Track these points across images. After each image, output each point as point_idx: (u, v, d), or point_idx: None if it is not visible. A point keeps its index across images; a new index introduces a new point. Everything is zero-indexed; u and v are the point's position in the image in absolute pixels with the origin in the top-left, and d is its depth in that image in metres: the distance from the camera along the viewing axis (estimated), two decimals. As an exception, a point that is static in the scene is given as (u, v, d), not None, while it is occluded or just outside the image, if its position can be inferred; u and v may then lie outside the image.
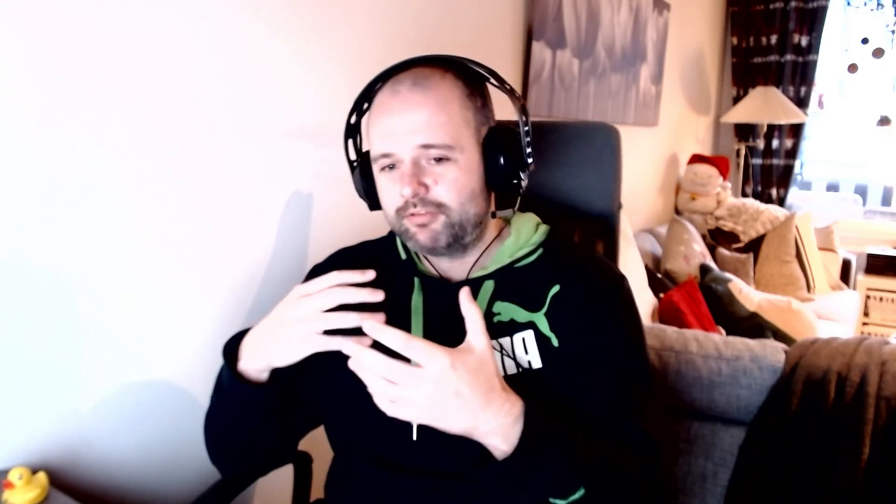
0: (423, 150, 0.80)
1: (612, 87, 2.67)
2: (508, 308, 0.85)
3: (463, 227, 0.83)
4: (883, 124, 4.09)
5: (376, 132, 0.83)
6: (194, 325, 1.11)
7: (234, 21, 1.09)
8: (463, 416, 0.67)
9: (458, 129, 0.81)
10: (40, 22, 0.84)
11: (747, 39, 4.02)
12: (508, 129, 0.86)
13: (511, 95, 0.86)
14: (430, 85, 0.81)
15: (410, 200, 0.80)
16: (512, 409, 0.69)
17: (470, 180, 0.82)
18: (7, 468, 0.85)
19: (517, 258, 0.87)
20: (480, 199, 0.84)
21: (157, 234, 1.02)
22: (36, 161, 0.86)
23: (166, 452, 1.10)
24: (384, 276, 0.90)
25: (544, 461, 0.70)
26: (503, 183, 0.85)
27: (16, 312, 0.87)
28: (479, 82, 0.86)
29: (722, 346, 1.30)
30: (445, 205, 0.81)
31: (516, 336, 0.84)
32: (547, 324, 0.83)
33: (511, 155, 0.84)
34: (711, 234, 3.43)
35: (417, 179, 0.80)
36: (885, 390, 1.16)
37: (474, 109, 0.84)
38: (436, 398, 0.66)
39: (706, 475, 1.29)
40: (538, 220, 0.94)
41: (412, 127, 0.79)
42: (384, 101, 0.82)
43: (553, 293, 0.84)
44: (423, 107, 0.79)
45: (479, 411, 0.67)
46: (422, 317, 0.87)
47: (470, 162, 0.82)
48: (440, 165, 0.80)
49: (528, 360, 0.83)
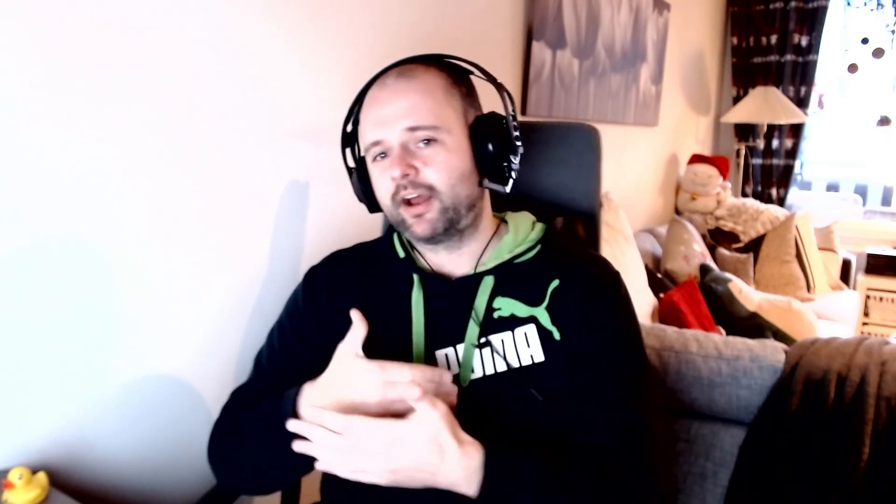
0: (410, 134, 0.82)
1: (612, 87, 2.67)
2: (509, 303, 0.87)
3: (457, 210, 0.84)
4: (883, 124, 4.09)
5: (366, 124, 0.86)
6: (194, 325, 1.11)
7: (235, 21, 1.09)
8: (421, 478, 0.73)
9: (444, 111, 0.84)
10: (43, 21, 0.85)
11: (747, 39, 4.02)
12: (495, 114, 0.88)
13: (494, 83, 0.89)
14: (415, 75, 0.85)
15: (401, 183, 0.82)
16: (470, 462, 0.72)
17: (459, 162, 0.84)
18: (7, 468, 0.85)
19: (517, 254, 0.89)
20: (470, 181, 0.86)
21: (156, 234, 1.02)
22: (36, 160, 0.86)
23: (166, 452, 1.10)
24: (383, 275, 0.91)
25: (512, 499, 0.73)
26: (492, 164, 0.86)
27: (16, 313, 0.87)
28: (463, 75, 0.90)
29: (722, 346, 1.30)
30: (435, 187, 0.83)
31: (518, 330, 0.85)
32: (548, 318, 0.85)
33: (499, 137, 0.86)
34: (711, 234, 3.42)
35: (406, 162, 0.82)
36: (885, 390, 1.16)
37: (459, 96, 0.87)
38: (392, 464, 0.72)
39: (706, 475, 1.29)
40: (534, 219, 0.96)
41: (399, 111, 0.82)
42: (373, 95, 0.86)
43: (553, 288, 0.87)
44: (409, 93, 0.83)
45: (435, 471, 0.72)
46: (422, 312, 0.87)
47: (457, 144, 0.84)
48: (428, 148, 0.83)
49: (531, 353, 0.84)
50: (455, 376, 0.85)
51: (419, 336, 0.87)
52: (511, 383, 0.84)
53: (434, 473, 0.72)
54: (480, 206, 0.89)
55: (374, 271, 0.93)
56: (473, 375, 0.85)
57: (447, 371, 0.79)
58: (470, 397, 0.83)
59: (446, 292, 0.88)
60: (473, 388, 0.84)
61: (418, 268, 0.90)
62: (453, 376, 0.84)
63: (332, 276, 0.95)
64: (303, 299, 0.95)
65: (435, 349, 0.86)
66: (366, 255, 0.96)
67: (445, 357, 0.86)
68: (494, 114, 0.88)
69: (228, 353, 1.17)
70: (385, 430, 0.71)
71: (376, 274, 0.93)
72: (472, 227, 0.88)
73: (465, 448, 0.72)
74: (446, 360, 0.86)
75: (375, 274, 0.93)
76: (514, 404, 0.84)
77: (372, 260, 0.95)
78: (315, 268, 0.98)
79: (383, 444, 0.71)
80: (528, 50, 2.02)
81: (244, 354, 1.19)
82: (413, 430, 0.71)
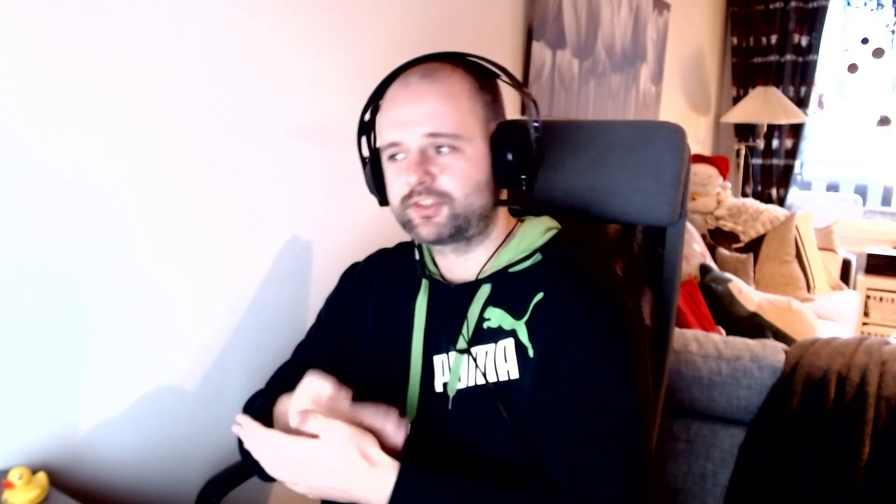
0: (430, 140, 0.80)
1: (612, 87, 2.67)
2: (498, 314, 0.83)
3: (467, 219, 0.82)
4: (883, 124, 4.10)
5: (386, 123, 0.84)
6: (194, 325, 1.11)
7: (235, 21, 1.09)
8: (338, 495, 0.74)
9: (466, 120, 0.81)
10: (42, 21, 0.84)
11: (747, 39, 4.02)
12: (518, 124, 0.85)
13: (521, 91, 0.87)
14: (440, 77, 0.81)
15: (415, 189, 0.80)
16: (383, 480, 0.72)
17: (476, 172, 0.82)
18: (7, 468, 0.85)
19: (512, 263, 0.86)
20: (486, 192, 0.83)
21: (157, 235, 1.02)
22: (37, 163, 0.86)
23: (166, 452, 1.10)
24: (402, 276, 0.93)
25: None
26: (510, 178, 0.84)
27: (16, 313, 0.87)
28: (489, 79, 0.86)
29: (722, 346, 1.30)
30: (450, 195, 0.80)
31: (500, 343, 0.82)
32: (526, 333, 0.81)
33: (519, 149, 0.83)
34: (711, 234, 3.42)
35: (423, 168, 0.80)
36: (885, 390, 1.16)
37: (483, 103, 0.84)
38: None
39: (706, 475, 1.29)
40: (549, 225, 0.91)
41: (420, 117, 0.80)
42: (395, 93, 0.83)
43: (536, 301, 0.81)
44: (432, 97, 0.80)
45: (348, 489, 0.73)
46: (424, 317, 0.88)
47: (477, 154, 0.82)
48: (447, 155, 0.81)
49: (507, 369, 0.81)
50: (445, 384, 0.84)
51: (419, 340, 0.87)
52: (485, 398, 0.81)
53: (347, 491, 0.73)
54: (494, 215, 0.87)
55: (398, 272, 0.94)
56: (459, 385, 0.83)
57: (393, 410, 0.78)
58: (455, 407, 0.83)
59: (448, 298, 0.88)
60: (458, 398, 0.84)
61: (426, 271, 0.90)
62: (443, 384, 0.84)
63: (365, 273, 0.98)
64: (336, 291, 1.00)
65: (433, 354, 0.86)
66: (398, 256, 0.98)
67: (441, 363, 0.85)
68: (517, 122, 0.86)
69: (229, 353, 1.17)
70: (293, 448, 0.73)
71: (398, 274, 0.94)
72: (481, 234, 0.86)
73: (376, 467, 0.72)
74: (441, 367, 0.85)
75: (397, 274, 0.94)
76: (486, 420, 0.81)
77: (400, 261, 0.95)
78: (355, 264, 1.02)
79: (292, 461, 0.74)
80: (528, 50, 2.02)
81: (245, 355, 1.19)
82: (316, 450, 0.73)
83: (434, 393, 0.85)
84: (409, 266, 0.92)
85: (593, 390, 0.76)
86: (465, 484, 0.74)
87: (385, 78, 0.86)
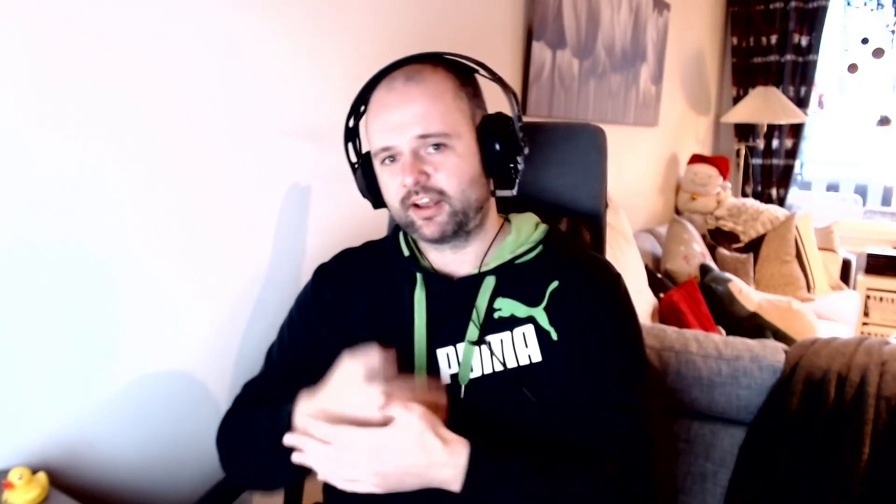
0: (421, 141, 0.82)
1: (612, 88, 2.67)
2: (509, 304, 0.87)
3: (466, 214, 0.85)
4: (883, 124, 4.10)
5: (375, 128, 0.85)
6: (195, 325, 1.11)
7: (235, 21, 1.09)
8: (410, 482, 0.74)
9: (454, 117, 0.84)
10: (41, 21, 0.84)
11: (747, 39, 4.02)
12: (501, 115, 0.89)
13: (500, 83, 0.89)
14: (423, 78, 0.84)
15: (412, 189, 0.83)
16: (457, 459, 0.73)
17: (469, 166, 0.85)
18: (7, 468, 0.85)
19: (518, 254, 0.89)
20: (479, 184, 0.87)
21: (157, 235, 1.02)
22: (37, 162, 0.86)
23: (166, 452, 1.10)
24: (388, 273, 0.92)
25: (497, 494, 0.74)
26: (500, 166, 0.87)
27: (16, 313, 0.87)
28: (469, 74, 0.90)
29: (722, 346, 1.30)
30: (446, 192, 0.83)
31: (517, 330, 0.86)
32: (546, 318, 0.86)
33: (505, 139, 0.86)
34: (711, 234, 3.42)
35: (418, 168, 0.82)
36: (885, 390, 1.16)
37: (467, 98, 0.87)
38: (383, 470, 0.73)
39: (706, 475, 1.29)
40: (538, 220, 0.96)
41: (409, 119, 0.82)
42: (381, 98, 0.85)
43: (552, 288, 0.87)
44: (419, 99, 0.82)
45: (423, 472, 0.73)
46: (425, 311, 0.88)
47: (467, 148, 0.85)
48: (439, 153, 0.83)
49: (528, 353, 0.85)
50: (454, 376, 0.86)
51: (421, 335, 0.87)
52: (507, 383, 0.84)
53: (422, 475, 0.73)
54: (487, 206, 0.90)
55: (381, 269, 0.94)
56: (472, 374, 0.86)
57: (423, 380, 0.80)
58: (468, 396, 0.84)
59: (448, 292, 0.89)
60: (472, 387, 0.85)
61: (421, 267, 0.91)
62: (451, 376, 0.86)
63: (339, 273, 0.97)
64: (311, 295, 0.97)
65: (436, 348, 0.87)
66: (374, 254, 0.98)
67: (447, 356, 0.86)
68: (501, 114, 0.89)
69: (229, 353, 1.17)
70: (368, 438, 0.73)
71: (382, 272, 0.94)
72: (479, 227, 0.89)
73: (450, 446, 0.73)
74: (447, 359, 0.86)
75: (381, 272, 0.94)
76: (509, 404, 0.84)
77: (379, 258, 0.96)
78: (324, 265, 0.99)
79: (368, 452, 0.73)
80: (528, 50, 2.02)
81: (245, 355, 1.19)
82: (395, 434, 0.72)
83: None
84: (394, 263, 0.93)
85: (620, 365, 0.85)
86: (525, 457, 0.77)
87: (367, 83, 0.87)
